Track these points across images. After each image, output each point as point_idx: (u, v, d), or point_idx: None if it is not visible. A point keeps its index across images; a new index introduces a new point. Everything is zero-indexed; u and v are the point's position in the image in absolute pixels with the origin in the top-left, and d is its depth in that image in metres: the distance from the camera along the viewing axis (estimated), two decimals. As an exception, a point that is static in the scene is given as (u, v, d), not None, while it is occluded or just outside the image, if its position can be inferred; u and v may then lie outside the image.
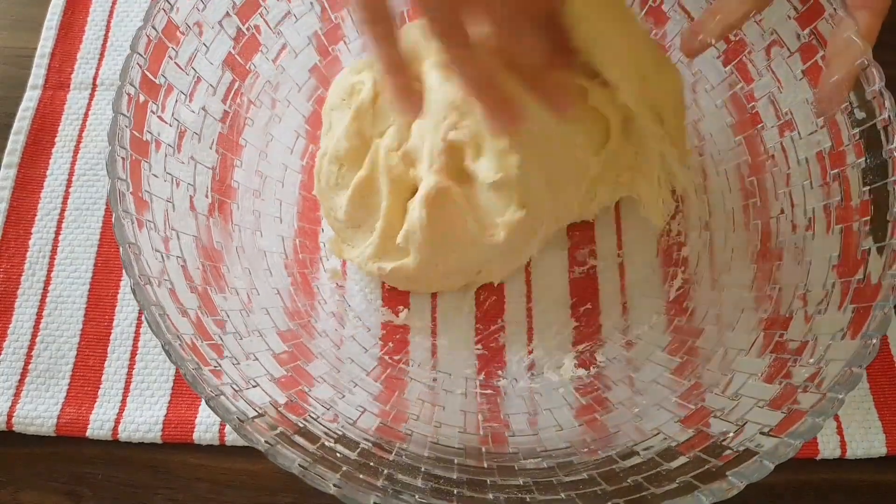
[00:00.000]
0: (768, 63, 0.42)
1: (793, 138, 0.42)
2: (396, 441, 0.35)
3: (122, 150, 0.34)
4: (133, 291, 0.31)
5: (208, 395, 0.30)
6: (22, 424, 0.42)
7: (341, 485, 0.29)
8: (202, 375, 0.30)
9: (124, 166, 0.34)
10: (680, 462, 0.32)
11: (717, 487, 0.29)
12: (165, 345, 0.30)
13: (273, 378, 0.35)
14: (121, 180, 0.34)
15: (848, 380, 0.31)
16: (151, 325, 0.31)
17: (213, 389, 0.30)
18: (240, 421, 0.29)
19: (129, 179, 0.34)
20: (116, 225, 0.33)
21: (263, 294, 0.40)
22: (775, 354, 0.37)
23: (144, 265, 0.33)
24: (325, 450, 0.31)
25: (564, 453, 0.36)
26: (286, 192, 0.46)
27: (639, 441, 0.35)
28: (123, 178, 0.34)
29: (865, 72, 0.37)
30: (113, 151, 0.34)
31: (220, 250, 0.39)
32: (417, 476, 0.32)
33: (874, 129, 0.37)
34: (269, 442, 0.29)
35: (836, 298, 0.36)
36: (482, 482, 0.33)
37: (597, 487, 0.32)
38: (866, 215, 0.37)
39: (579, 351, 0.44)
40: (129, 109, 0.35)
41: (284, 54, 0.45)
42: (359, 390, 0.39)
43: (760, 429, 0.32)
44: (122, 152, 0.34)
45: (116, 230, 0.32)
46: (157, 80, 0.37)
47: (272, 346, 0.38)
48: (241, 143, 0.43)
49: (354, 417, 0.36)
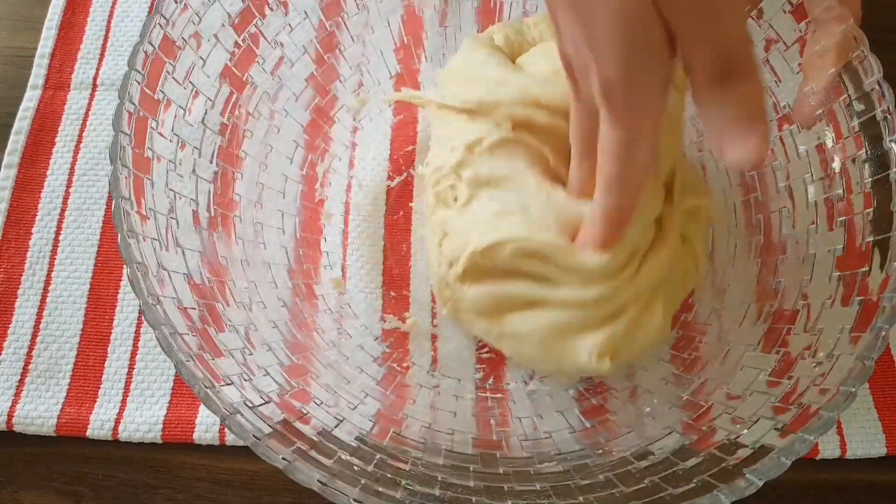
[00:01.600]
0: (766, 56, 0.42)
1: (792, 132, 0.42)
2: (411, 450, 0.35)
3: (125, 168, 0.34)
4: (142, 312, 0.31)
5: (223, 414, 0.30)
6: (22, 424, 0.41)
7: (362, 499, 0.29)
8: (217, 393, 0.30)
9: (127, 184, 0.34)
10: (695, 461, 0.32)
11: (735, 486, 0.29)
12: (178, 364, 0.30)
13: (285, 392, 0.35)
14: (125, 199, 0.33)
15: (860, 373, 0.31)
16: (163, 345, 0.31)
17: (229, 408, 0.30)
18: (256, 439, 0.29)
19: (132, 198, 0.34)
20: (122, 245, 0.32)
21: (270, 307, 0.40)
22: (783, 349, 0.37)
23: (152, 284, 0.32)
24: (343, 463, 0.31)
25: (579, 455, 0.36)
26: (287, 203, 0.46)
27: (652, 441, 0.35)
28: (127, 196, 0.34)
29: (863, 63, 0.37)
30: (115, 170, 0.34)
31: (225, 264, 0.39)
32: (435, 485, 0.32)
33: (874, 120, 0.37)
34: (287, 459, 0.29)
35: (842, 292, 0.36)
36: (499, 489, 0.33)
37: (615, 490, 0.32)
38: (868, 207, 0.37)
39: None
40: (130, 127, 0.35)
41: (281, 65, 0.45)
42: (370, 400, 0.39)
43: (774, 425, 0.32)
44: (125, 171, 0.34)
45: (123, 250, 0.32)
46: (156, 95, 0.37)
47: (281, 359, 0.37)
48: (241, 156, 0.43)
49: (367, 428, 0.36)
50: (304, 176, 0.47)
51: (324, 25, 0.46)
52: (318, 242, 0.46)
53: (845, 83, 0.38)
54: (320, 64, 0.47)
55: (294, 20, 0.44)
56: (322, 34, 0.46)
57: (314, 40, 0.46)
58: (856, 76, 0.38)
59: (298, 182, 0.46)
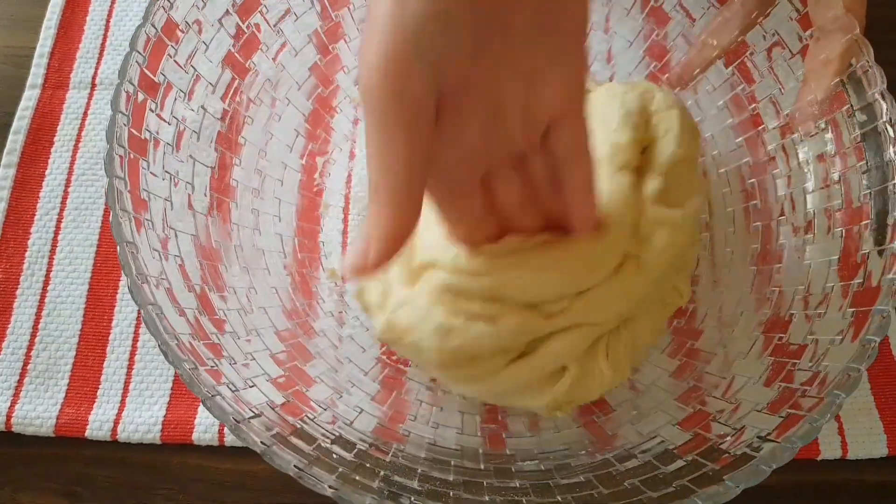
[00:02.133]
0: (770, 64, 0.42)
1: (794, 140, 0.41)
2: (393, 442, 0.35)
3: (121, 148, 0.34)
4: (130, 290, 0.31)
5: (205, 396, 0.30)
6: (21, 425, 0.41)
7: (337, 486, 0.29)
8: (199, 376, 0.30)
9: (122, 165, 0.34)
10: (677, 465, 0.32)
11: (713, 491, 0.29)
12: (162, 345, 0.30)
13: (270, 378, 0.35)
14: (119, 178, 0.33)
15: (847, 383, 0.31)
16: (148, 324, 0.31)
17: (210, 390, 0.30)
18: (235, 422, 0.29)
19: (126, 178, 0.34)
20: (114, 224, 0.32)
21: (262, 293, 0.40)
22: (775, 357, 0.37)
23: (142, 264, 0.33)
24: (322, 451, 0.31)
25: (562, 455, 0.36)
26: (285, 191, 0.46)
27: (637, 444, 0.35)
28: (121, 176, 0.34)
29: (867, 73, 0.37)
30: (111, 150, 0.34)
31: (219, 249, 0.39)
32: (414, 478, 0.32)
33: (875, 131, 0.37)
34: (265, 443, 0.29)
35: (836, 301, 0.36)
36: (478, 484, 0.33)
37: (593, 490, 0.32)
38: (867, 218, 0.37)
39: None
40: (128, 108, 0.35)
41: (284, 52, 0.45)
42: (356, 390, 0.39)
43: (759, 433, 0.31)
44: (121, 150, 0.34)
45: (114, 229, 0.32)
46: (157, 78, 0.37)
47: (270, 346, 0.38)
48: (241, 142, 0.43)
49: (352, 418, 0.36)
50: (303, 165, 0.47)
51: (329, 15, 0.46)
52: (316, 233, 0.46)
53: (848, 92, 0.38)
54: (324, 53, 0.47)
55: (299, 8, 0.44)
56: (327, 23, 0.46)
57: (318, 29, 0.46)
58: (859, 86, 0.37)
59: (297, 171, 0.46)
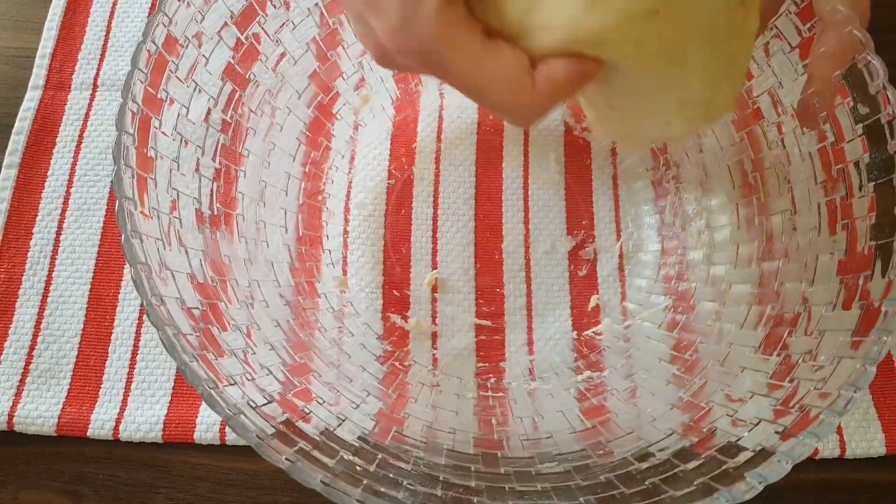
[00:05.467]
0: (768, 59, 0.42)
1: (795, 134, 0.42)
2: (412, 450, 0.36)
3: (128, 168, 0.34)
4: (146, 313, 0.31)
5: (227, 415, 0.30)
6: (23, 424, 0.42)
7: (364, 499, 0.29)
8: (221, 394, 0.30)
9: (131, 185, 0.34)
10: (696, 463, 0.33)
11: (736, 489, 0.29)
12: (182, 365, 0.30)
13: (287, 391, 0.35)
14: (128, 199, 0.33)
15: (861, 377, 0.31)
16: (166, 345, 0.31)
17: (232, 408, 0.30)
18: (260, 439, 0.29)
19: (136, 198, 0.34)
20: (126, 245, 0.32)
21: (273, 306, 0.40)
22: (784, 352, 0.37)
23: (156, 284, 0.32)
24: (345, 463, 0.31)
25: (580, 456, 0.36)
26: (289, 201, 0.46)
27: (653, 442, 0.36)
28: (131, 196, 0.33)
29: (868, 66, 0.37)
30: (119, 170, 0.33)
31: (228, 263, 0.39)
32: (437, 486, 0.32)
33: (878, 124, 0.37)
34: (290, 459, 0.29)
35: (844, 296, 0.36)
36: (501, 489, 0.33)
37: (615, 491, 0.32)
38: (871, 211, 0.37)
39: (584, 353, 0.44)
40: (133, 126, 0.35)
41: (284, 62, 0.44)
42: (371, 399, 0.39)
43: (775, 428, 0.32)
44: (128, 171, 0.34)
45: (126, 251, 0.32)
46: (159, 94, 0.37)
47: (283, 357, 0.38)
48: (244, 154, 0.43)
49: (369, 427, 0.36)
50: (306, 173, 0.47)
51: (326, 22, 0.45)
52: (320, 240, 0.46)
53: (850, 85, 0.38)
54: (323, 61, 0.46)
55: (296, 17, 0.44)
56: (325, 31, 0.46)
57: (317, 37, 0.45)
58: (861, 79, 0.37)
59: (300, 179, 0.46)
